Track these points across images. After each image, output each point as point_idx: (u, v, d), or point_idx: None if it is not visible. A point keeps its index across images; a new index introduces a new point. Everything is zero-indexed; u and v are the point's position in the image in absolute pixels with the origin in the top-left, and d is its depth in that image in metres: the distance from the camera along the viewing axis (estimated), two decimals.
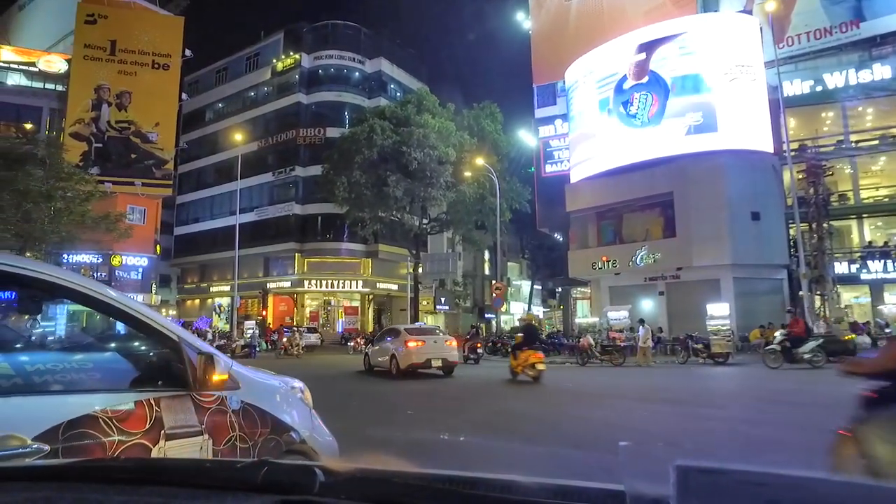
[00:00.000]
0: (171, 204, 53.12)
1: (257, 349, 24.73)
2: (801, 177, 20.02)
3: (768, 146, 21.50)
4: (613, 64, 24.39)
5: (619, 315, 20.85)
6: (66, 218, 22.36)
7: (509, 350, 22.97)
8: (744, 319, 20.69)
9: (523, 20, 32.91)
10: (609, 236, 25.80)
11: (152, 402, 2.06)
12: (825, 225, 19.53)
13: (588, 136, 25.50)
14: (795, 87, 22.45)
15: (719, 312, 17.46)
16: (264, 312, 35.79)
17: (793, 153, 19.85)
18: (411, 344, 13.98)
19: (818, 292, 19.42)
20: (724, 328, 16.79)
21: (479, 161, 30.32)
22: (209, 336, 27.86)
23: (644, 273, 23.92)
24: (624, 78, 23.77)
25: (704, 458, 0.75)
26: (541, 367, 12.21)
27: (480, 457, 5.16)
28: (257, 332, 26.48)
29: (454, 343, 15.04)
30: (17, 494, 0.97)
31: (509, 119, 37.16)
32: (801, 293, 21.88)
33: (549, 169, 30.03)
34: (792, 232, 22.90)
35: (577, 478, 0.90)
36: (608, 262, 24.36)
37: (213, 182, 47.49)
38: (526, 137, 33.97)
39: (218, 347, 18.71)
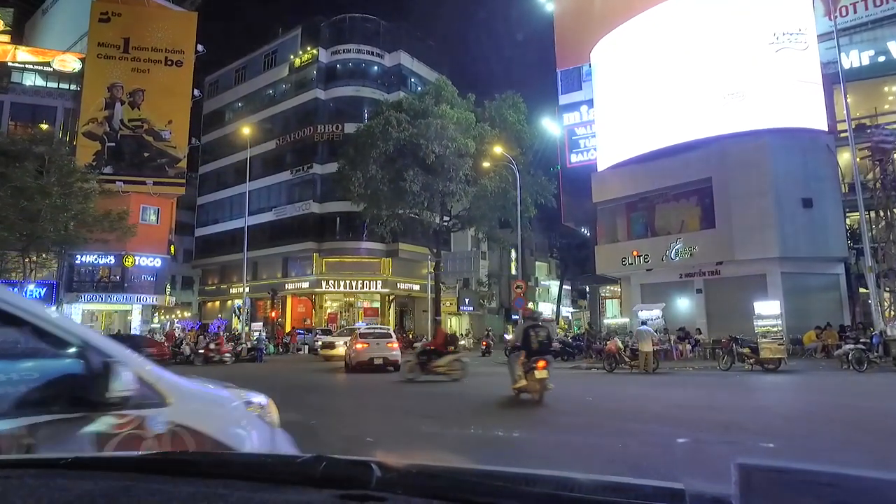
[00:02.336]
0: (191, 205, 53.13)
1: (264, 352, 23.41)
2: (863, 157, 17.51)
3: (821, 123, 19.00)
4: (645, 39, 22.24)
5: (651, 314, 18.66)
6: (64, 215, 21.51)
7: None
8: (794, 320, 18.29)
9: (546, 1, 30.92)
10: (640, 229, 23.56)
11: (25, 431, 1.65)
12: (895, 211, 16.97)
13: (616, 120, 23.36)
14: (852, 59, 19.90)
15: (769, 311, 15.10)
16: (274, 314, 34.64)
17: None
18: (358, 346, 16.52)
19: (887, 288, 16.88)
20: (776, 329, 14.48)
21: (499, 150, 28.42)
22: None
23: (679, 269, 21.64)
24: (656, 52, 21.59)
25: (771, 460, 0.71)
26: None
27: None
28: (264, 334, 25.16)
29: (395, 345, 17.02)
30: (100, 482, 1.02)
31: (534, 110, 35.23)
32: (861, 289, 19.35)
33: (574, 159, 27.94)
34: (850, 220, 20.39)
35: None
36: (639, 256, 22.16)
37: (232, 182, 46.83)
38: (550, 127, 31.95)
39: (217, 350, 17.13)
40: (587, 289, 46.92)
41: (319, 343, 29.19)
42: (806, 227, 18.76)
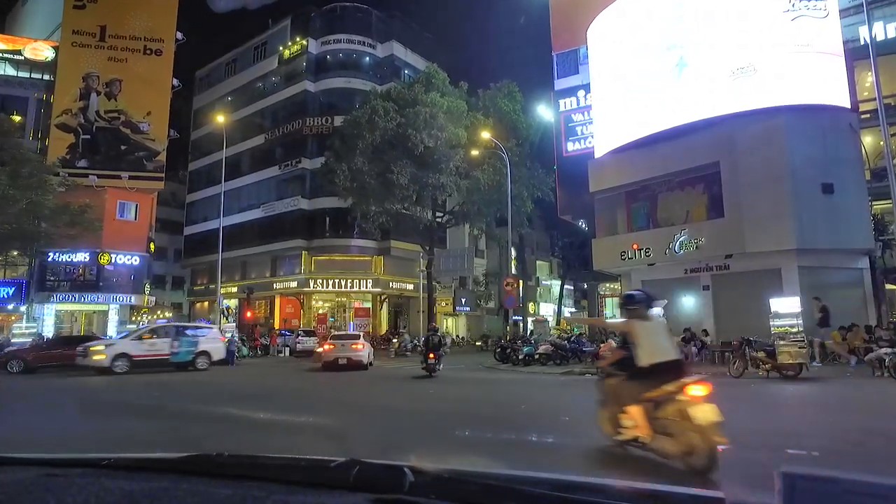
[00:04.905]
0: (181, 203, 51.64)
1: (236, 355, 21.65)
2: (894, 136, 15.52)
3: (843, 100, 16.98)
4: (645, 12, 20.33)
5: (652, 312, 16.71)
6: (13, 207, 19.85)
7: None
8: (813, 319, 16.24)
9: None
10: (641, 220, 21.59)
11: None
12: None
13: (614, 102, 21.42)
14: (876, 32, 17.87)
15: (787, 309, 13.08)
16: (250, 314, 32.91)
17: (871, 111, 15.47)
18: (326, 346, 18.79)
19: None
20: (795, 330, 12.48)
21: (487, 135, 26.61)
22: None
23: (684, 263, 19.67)
24: (658, 26, 19.67)
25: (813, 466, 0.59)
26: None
27: None
28: (236, 335, 23.38)
29: (360, 347, 18.56)
30: (142, 483, 1.05)
31: (532, 103, 33.41)
32: (889, 285, 17.34)
33: (570, 147, 26.00)
34: (876, 209, 18.37)
35: None
36: (640, 250, 20.19)
37: (220, 179, 45.21)
38: (546, 114, 30.08)
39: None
40: (585, 286, 44.79)
41: (300, 345, 27.56)
42: (826, 215, 16.74)
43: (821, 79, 16.86)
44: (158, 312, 40.78)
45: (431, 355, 15.37)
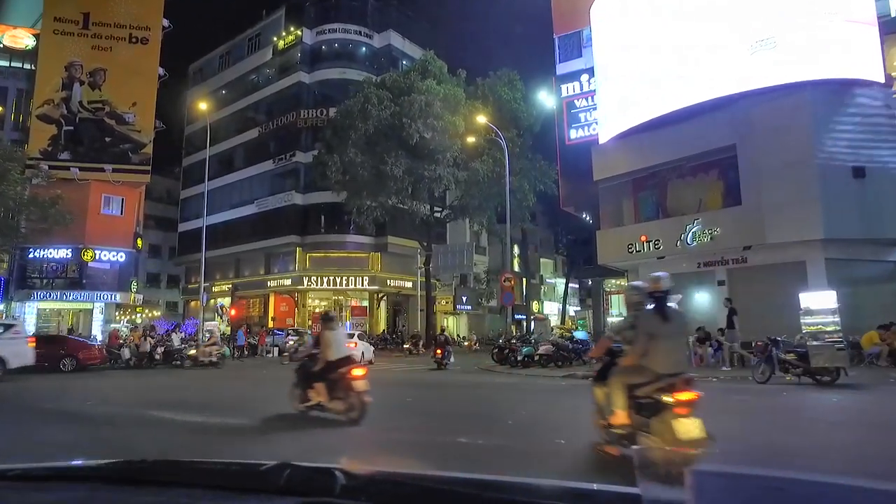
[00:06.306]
0: (175, 200, 50.40)
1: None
2: None
3: (877, 74, 15.30)
4: None
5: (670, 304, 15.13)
6: None
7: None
8: (841, 317, 14.59)
9: None
10: (649, 210, 19.96)
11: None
12: None
13: (620, 82, 19.81)
14: None
15: (821, 305, 11.43)
16: (233, 312, 31.51)
17: None
18: None
19: None
20: (831, 329, 10.84)
21: (483, 120, 25.11)
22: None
23: (697, 256, 18.04)
24: None
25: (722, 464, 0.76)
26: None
27: None
28: (218, 334, 22.00)
29: (353, 345, 17.58)
30: (58, 493, 1.01)
31: (533, 89, 31.85)
32: None
33: (574, 135, 24.38)
34: None
35: None
36: (648, 242, 18.56)
37: (214, 174, 43.84)
38: (548, 101, 28.50)
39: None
40: (591, 282, 43.06)
41: (289, 345, 26.15)
42: (857, 202, 15.10)
43: (851, 50, 15.20)
44: (148, 312, 39.49)
45: (439, 351, 18.32)
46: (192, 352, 19.77)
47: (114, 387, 13.67)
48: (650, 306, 4.80)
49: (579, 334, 22.05)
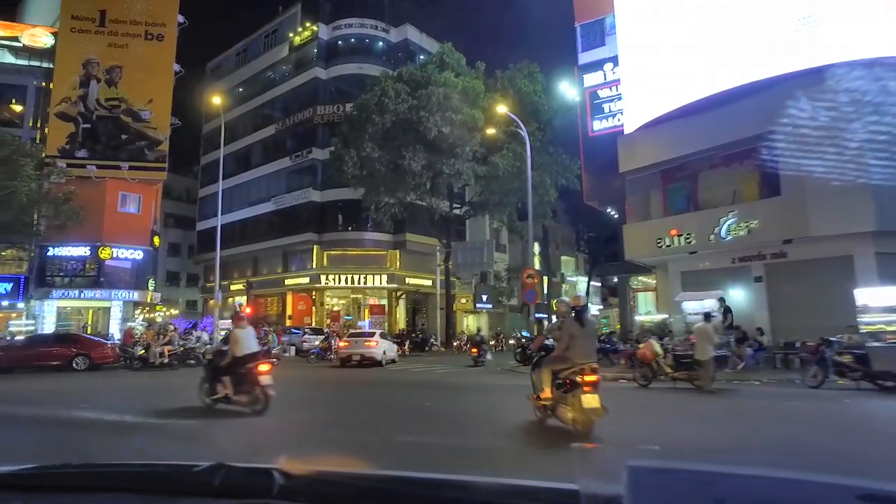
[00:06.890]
0: (195, 199, 50.49)
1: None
2: None
3: None
4: None
5: (701, 306, 14.08)
6: None
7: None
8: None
9: None
10: (680, 202, 18.92)
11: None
12: None
13: (647, 68, 18.79)
14: None
15: (880, 301, 10.37)
16: (248, 309, 31.12)
17: None
18: (342, 343, 19.87)
19: None
20: (895, 329, 9.79)
21: (503, 109, 24.26)
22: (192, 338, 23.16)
23: (732, 251, 16.99)
24: None
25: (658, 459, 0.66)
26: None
27: None
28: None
29: (373, 344, 18.98)
30: None
31: (554, 81, 30.90)
32: None
33: (597, 126, 23.43)
34: None
35: None
36: (679, 236, 17.55)
37: (231, 172, 43.80)
38: (571, 93, 27.54)
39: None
40: (615, 279, 41.80)
41: (307, 344, 25.65)
42: None
43: None
44: (166, 310, 39.49)
45: (475, 350, 20.06)
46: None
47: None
48: (572, 315, 6.51)
49: None
